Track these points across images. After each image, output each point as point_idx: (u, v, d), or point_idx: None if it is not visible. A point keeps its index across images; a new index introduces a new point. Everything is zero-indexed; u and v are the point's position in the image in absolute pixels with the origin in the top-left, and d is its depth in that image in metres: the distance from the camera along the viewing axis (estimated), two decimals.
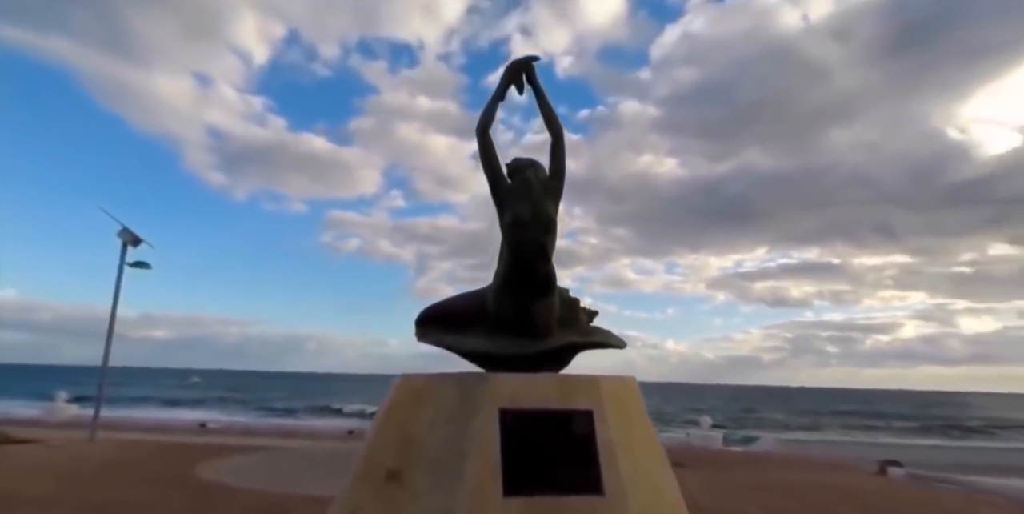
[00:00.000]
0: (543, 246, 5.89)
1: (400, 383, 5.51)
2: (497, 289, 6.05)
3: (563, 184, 6.36)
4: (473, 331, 6.19)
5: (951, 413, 59.83)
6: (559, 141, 6.39)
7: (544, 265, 5.94)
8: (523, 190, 6.17)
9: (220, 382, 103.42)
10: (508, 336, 5.95)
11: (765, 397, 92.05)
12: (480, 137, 6.15)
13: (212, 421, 30.24)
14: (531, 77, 6.54)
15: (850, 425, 45.48)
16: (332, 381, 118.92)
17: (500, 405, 4.98)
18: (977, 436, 38.25)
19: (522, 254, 5.87)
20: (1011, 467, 21.01)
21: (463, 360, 6.30)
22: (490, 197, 6.26)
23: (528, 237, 5.87)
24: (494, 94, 6.45)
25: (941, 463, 21.86)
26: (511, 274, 5.93)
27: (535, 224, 5.91)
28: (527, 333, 5.95)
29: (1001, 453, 27.95)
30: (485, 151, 6.13)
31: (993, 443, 34.53)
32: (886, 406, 67.67)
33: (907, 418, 51.35)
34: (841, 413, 52.76)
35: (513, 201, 6.03)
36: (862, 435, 38.26)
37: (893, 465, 18.56)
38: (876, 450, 26.76)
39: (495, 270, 6.25)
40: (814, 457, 22.69)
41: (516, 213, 5.89)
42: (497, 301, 6.02)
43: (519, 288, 5.91)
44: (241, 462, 14.69)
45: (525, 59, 6.58)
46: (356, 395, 67.30)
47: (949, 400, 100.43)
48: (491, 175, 6.11)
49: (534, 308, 5.94)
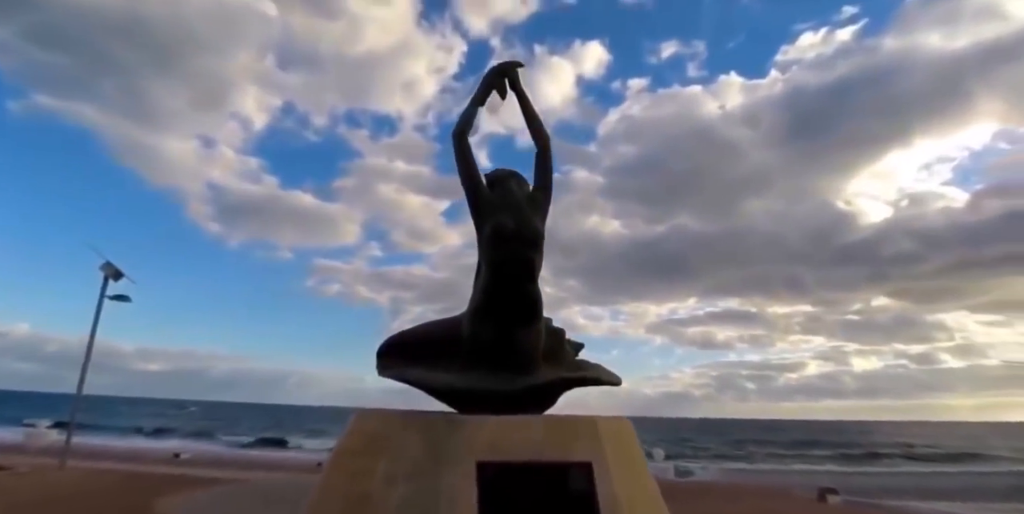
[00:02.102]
0: (529, 263, 4.43)
1: (352, 426, 3.86)
2: (473, 314, 4.51)
3: (551, 197, 4.98)
4: (444, 364, 4.61)
5: (856, 440, 59.07)
6: (546, 151, 5.03)
7: (530, 286, 4.46)
8: (506, 201, 4.76)
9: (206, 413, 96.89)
10: (485, 370, 4.39)
11: (698, 428, 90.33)
12: (457, 141, 4.76)
13: (186, 451, 27.03)
14: (514, 83, 5.24)
15: (774, 454, 44.06)
16: (311, 413, 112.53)
17: (478, 456, 3.39)
18: (886, 462, 37.14)
19: (504, 272, 4.39)
20: (929, 490, 20.25)
21: (433, 398, 4.69)
22: (469, 214, 4.79)
23: (511, 253, 4.41)
24: (473, 97, 5.09)
25: (870, 489, 20.65)
26: (490, 296, 4.42)
27: (519, 238, 4.46)
28: (508, 366, 4.40)
29: (913, 478, 26.76)
30: (462, 155, 4.73)
31: (901, 468, 33.44)
32: (800, 435, 66.65)
33: (822, 446, 50.23)
34: (764, 442, 51.40)
35: (495, 212, 4.60)
36: (789, 463, 36.78)
37: (831, 493, 17.20)
38: (806, 477, 25.31)
39: (472, 293, 4.75)
40: (755, 486, 21.26)
41: (498, 224, 4.44)
42: (473, 328, 4.48)
43: (500, 312, 4.40)
44: (203, 497, 12.39)
45: (509, 64, 5.28)
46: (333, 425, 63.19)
47: (848, 428, 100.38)
48: (468, 182, 4.68)
49: (517, 336, 4.42)
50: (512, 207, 4.61)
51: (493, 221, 4.42)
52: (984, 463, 34.64)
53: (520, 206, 4.67)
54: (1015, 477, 26.10)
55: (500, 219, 4.43)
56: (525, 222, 4.49)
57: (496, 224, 4.39)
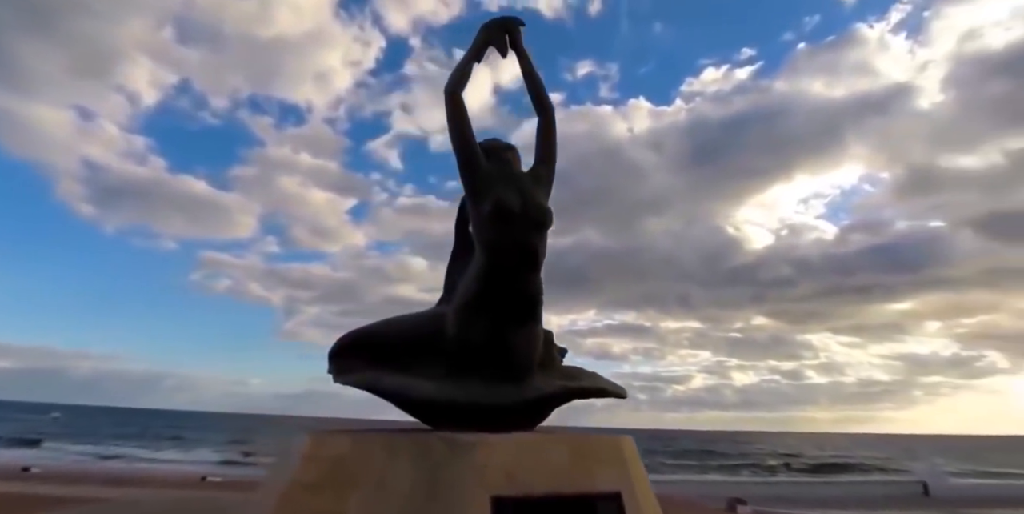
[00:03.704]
0: (534, 249, 3.68)
1: (308, 450, 2.89)
2: (463, 309, 3.68)
3: (554, 174, 4.27)
4: (418, 369, 3.74)
5: (742, 450, 62.54)
6: (550, 120, 4.31)
7: (533, 277, 3.71)
8: (506, 174, 3.97)
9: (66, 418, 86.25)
10: (477, 378, 3.58)
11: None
12: (450, 98, 3.93)
13: (37, 465, 23.39)
14: (516, 41, 4.48)
15: (666, 463, 45.50)
16: (189, 419, 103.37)
17: (492, 489, 2.59)
18: (779, 472, 39.31)
19: (505, 259, 3.61)
20: (822, 500, 21.25)
21: (391, 407, 3.81)
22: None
23: (515, 236, 3.64)
24: (468, 51, 4.27)
25: (768, 498, 21.38)
26: (486, 287, 3.61)
27: (525, 219, 3.70)
28: (503, 373, 3.61)
29: (803, 487, 28.32)
30: (456, 116, 3.90)
31: (793, 478, 35.40)
32: (689, 444, 69.75)
33: (713, 456, 52.60)
34: (656, 452, 53.17)
35: (494, 186, 3.81)
36: (683, 473, 38.03)
37: (740, 503, 17.54)
38: (705, 488, 26.05)
39: (461, 282, 3.91)
40: (659, 496, 21.33)
41: (501, 201, 3.64)
42: (463, 326, 3.65)
43: (496, 308, 3.61)
44: None
45: (512, 18, 4.52)
46: (215, 434, 58.14)
47: (731, 439, 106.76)
48: (464, 148, 3.86)
49: (515, 338, 3.63)
50: (515, 182, 3.86)
51: (494, 197, 3.64)
52: (859, 473, 37.57)
53: (523, 181, 3.93)
54: (888, 486, 28.31)
55: (502, 195, 3.66)
56: (531, 200, 3.75)
57: (499, 200, 3.61)
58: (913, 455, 38.22)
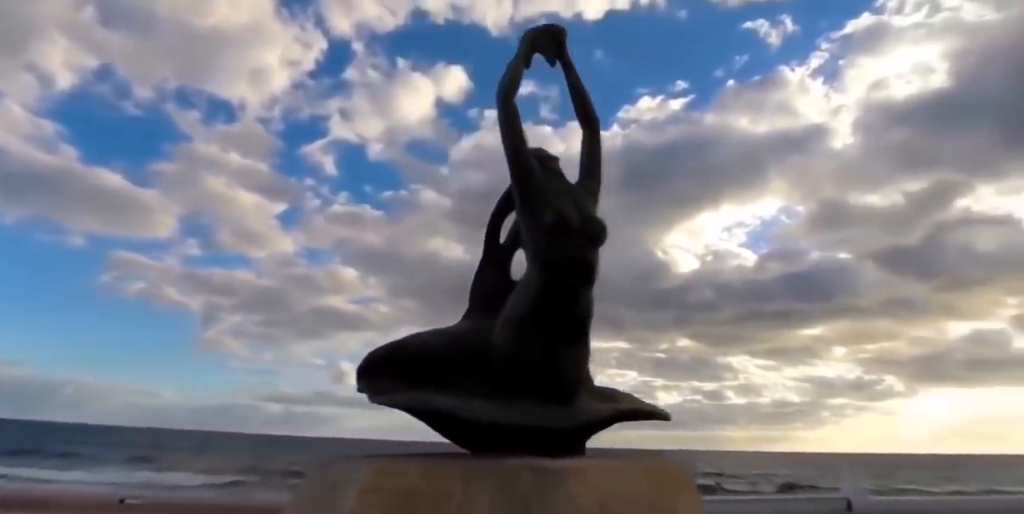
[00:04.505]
0: (591, 266, 3.54)
1: (370, 480, 2.60)
2: (516, 326, 3.48)
3: (600, 187, 4.17)
4: (458, 387, 3.50)
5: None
6: (597, 134, 4.23)
7: (587, 294, 3.57)
8: (560, 185, 3.85)
9: None
10: (526, 398, 3.38)
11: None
12: (504, 103, 3.77)
13: None
14: (562, 50, 4.37)
15: None
16: (90, 433, 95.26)
17: None
18: (720, 491, 40.12)
19: (561, 275, 3.45)
20: None
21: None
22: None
23: (572, 250, 3.49)
24: (517, 56, 4.12)
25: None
26: (542, 304, 3.44)
27: (582, 234, 3.57)
28: (552, 395, 3.43)
29: (736, 505, 29.02)
30: (510, 121, 3.74)
31: (724, 497, 36.19)
32: None
33: None
34: None
35: (553, 197, 3.65)
36: None
37: None
38: None
39: (512, 297, 3.69)
40: None
41: (562, 214, 3.49)
42: (514, 343, 3.45)
43: (549, 326, 3.43)
44: None
45: (558, 27, 4.40)
46: (120, 450, 53.77)
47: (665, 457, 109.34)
48: (517, 154, 3.70)
49: (564, 358, 3.48)
50: (570, 194, 3.72)
51: (554, 208, 3.48)
52: (786, 491, 39.06)
53: (577, 193, 3.80)
54: (814, 503, 29.41)
55: (563, 207, 3.51)
56: (588, 214, 3.63)
57: (560, 212, 3.45)
58: (835, 473, 40.13)
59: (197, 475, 34.03)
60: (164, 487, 27.85)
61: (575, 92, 4.31)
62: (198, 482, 31.25)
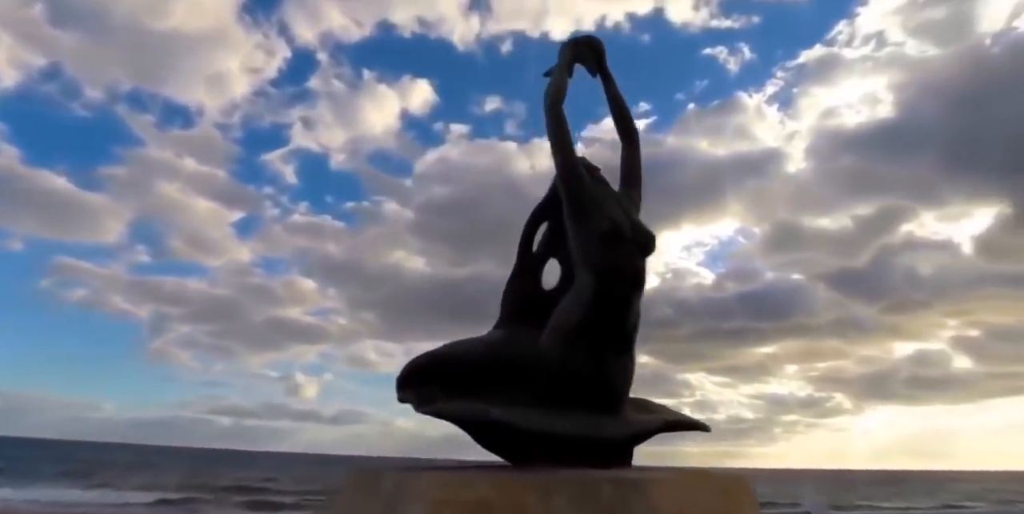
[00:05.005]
0: (641, 275, 3.54)
1: (437, 494, 2.48)
2: (567, 334, 3.42)
3: (641, 197, 4.17)
4: (502, 397, 3.41)
5: None
6: (636, 146, 4.27)
7: (637, 304, 3.55)
8: (611, 195, 3.86)
9: None
10: (575, 409, 3.31)
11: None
12: (554, 112, 3.78)
13: None
14: (603, 63, 4.38)
15: None
16: (20, 448, 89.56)
17: None
18: None
19: (614, 284, 3.42)
20: None
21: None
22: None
23: (624, 259, 3.48)
24: (560, 67, 4.15)
25: None
26: (594, 313, 3.39)
27: (633, 243, 3.56)
28: (601, 405, 3.38)
29: None
30: (560, 130, 3.74)
31: None
32: None
33: None
34: None
35: (604, 206, 3.64)
36: None
37: None
38: None
39: (562, 305, 3.62)
40: None
41: (616, 222, 3.49)
42: (565, 352, 3.39)
43: (600, 335, 3.39)
44: None
45: (598, 40, 4.41)
46: (56, 464, 50.71)
47: None
48: (567, 162, 3.69)
49: (613, 368, 3.44)
50: (619, 203, 3.73)
51: (608, 217, 3.47)
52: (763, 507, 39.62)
53: (625, 203, 3.81)
54: None
55: (616, 216, 3.50)
56: (638, 223, 3.63)
57: (613, 222, 3.45)
58: (791, 488, 41.00)
59: (135, 492, 32.12)
60: (97, 504, 26.26)
61: (615, 104, 4.33)
62: (135, 499, 29.59)
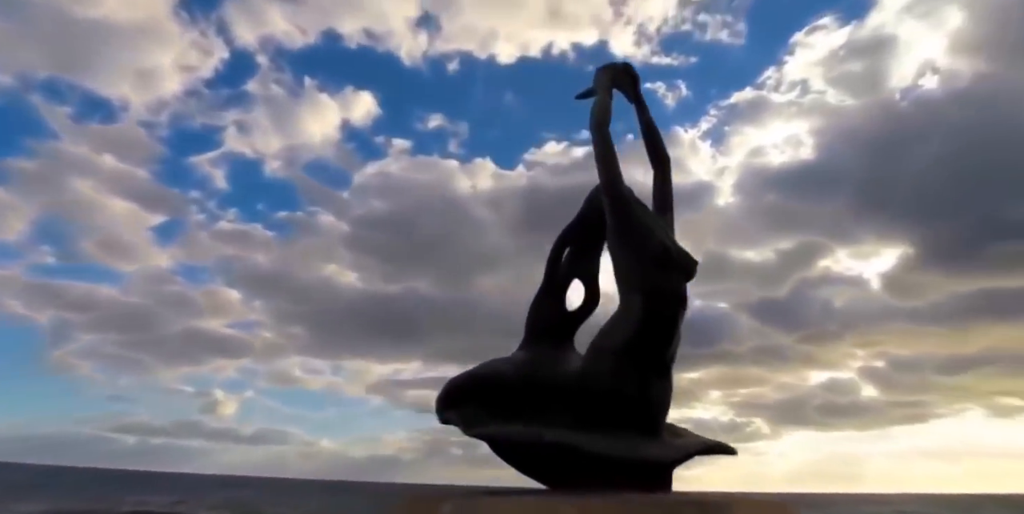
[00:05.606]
0: (686, 299, 3.66)
1: None
2: (614, 356, 3.46)
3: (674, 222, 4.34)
4: (543, 418, 3.40)
5: None
6: (668, 170, 4.40)
7: (679, 328, 3.67)
8: (656, 219, 3.97)
9: None
10: (621, 430, 3.35)
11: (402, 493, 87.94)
12: (601, 132, 3.84)
13: None
14: (638, 90, 4.54)
15: None
16: None
17: None
18: None
19: (664, 306, 3.52)
20: None
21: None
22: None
23: (671, 282, 3.61)
24: (601, 90, 4.21)
25: None
26: (644, 335, 3.46)
27: (680, 268, 3.69)
28: (645, 427, 3.43)
29: None
30: (608, 152, 3.80)
31: None
32: None
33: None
34: None
35: (655, 229, 3.76)
36: None
37: None
38: None
39: (609, 327, 3.67)
40: None
41: (665, 247, 3.59)
42: (611, 374, 3.42)
43: (647, 358, 3.46)
44: None
45: (634, 68, 4.58)
46: None
47: None
48: (615, 183, 3.77)
49: (657, 391, 3.51)
50: (664, 228, 3.85)
51: (660, 241, 3.57)
52: None
53: (666, 227, 3.93)
54: None
55: (665, 240, 3.62)
56: (682, 249, 3.75)
57: (665, 246, 3.54)
58: None
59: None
60: None
61: (647, 130, 4.46)
62: None
